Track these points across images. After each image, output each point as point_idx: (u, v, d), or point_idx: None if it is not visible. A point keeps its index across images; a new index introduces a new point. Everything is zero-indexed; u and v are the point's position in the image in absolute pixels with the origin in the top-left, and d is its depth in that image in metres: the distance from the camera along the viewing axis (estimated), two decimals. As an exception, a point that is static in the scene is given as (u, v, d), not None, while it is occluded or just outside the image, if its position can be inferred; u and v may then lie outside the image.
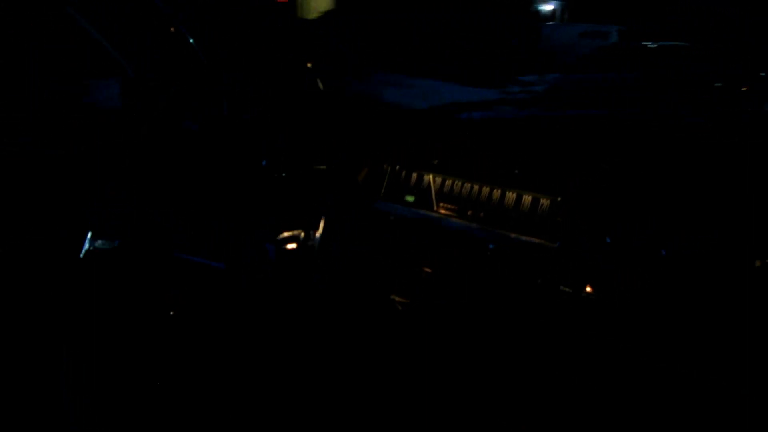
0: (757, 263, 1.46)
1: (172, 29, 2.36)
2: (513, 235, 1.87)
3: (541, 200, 1.86)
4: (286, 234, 2.09)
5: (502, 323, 1.85)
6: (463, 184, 2.03)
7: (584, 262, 1.70)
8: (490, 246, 1.90)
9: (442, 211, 2.05)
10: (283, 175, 2.22)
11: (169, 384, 2.07)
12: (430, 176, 2.10)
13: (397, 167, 2.19)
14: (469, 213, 1.99)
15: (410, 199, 2.14)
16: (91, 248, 1.88)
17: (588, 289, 1.69)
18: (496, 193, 1.95)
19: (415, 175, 2.15)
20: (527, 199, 1.89)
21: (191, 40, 2.36)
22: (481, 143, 2.08)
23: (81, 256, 1.89)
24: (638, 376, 1.61)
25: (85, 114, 2.35)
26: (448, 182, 2.06)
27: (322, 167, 2.29)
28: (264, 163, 2.28)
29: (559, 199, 1.82)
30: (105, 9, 2.20)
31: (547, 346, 1.76)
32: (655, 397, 1.60)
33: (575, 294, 1.71)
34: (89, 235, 1.91)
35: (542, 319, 1.77)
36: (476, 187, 2.00)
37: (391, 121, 2.26)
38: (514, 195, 1.91)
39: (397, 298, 2.00)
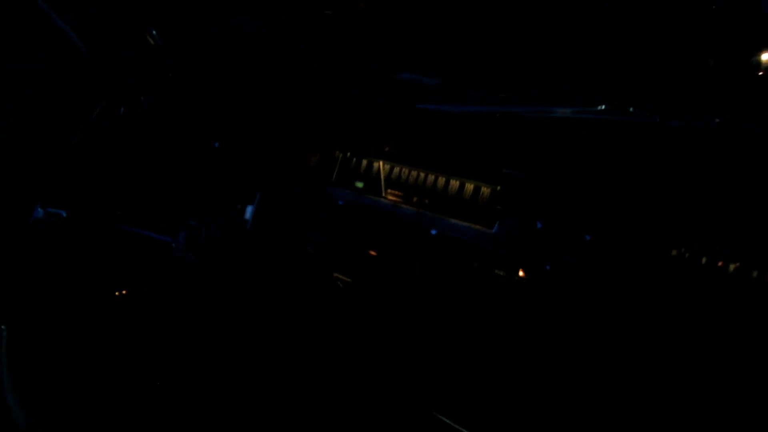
0: (673, 252, 1.57)
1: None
2: (454, 221, 1.95)
3: (482, 189, 1.94)
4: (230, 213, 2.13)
5: (440, 304, 1.93)
6: (410, 172, 2.11)
7: (517, 247, 1.79)
8: (433, 231, 1.98)
9: (390, 197, 2.12)
10: (236, 155, 2.26)
11: (112, 362, 2.09)
12: (380, 163, 2.17)
13: (348, 154, 2.26)
14: (415, 199, 2.07)
15: (360, 185, 2.20)
16: (40, 216, 1.89)
17: (521, 273, 1.78)
18: (441, 180, 2.03)
19: (365, 161, 2.21)
20: (469, 187, 1.98)
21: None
22: (429, 133, 2.15)
23: (30, 222, 1.89)
24: (569, 355, 1.71)
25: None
26: (396, 169, 2.13)
27: (273, 151, 2.34)
28: (216, 144, 2.32)
29: (498, 188, 1.90)
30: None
31: (482, 327, 1.84)
32: (579, 378, 1.69)
33: (508, 277, 1.79)
34: (38, 203, 1.91)
35: (478, 301, 1.85)
36: (422, 174, 2.08)
37: (343, 109, 2.32)
38: (458, 183, 2.00)
39: (341, 277, 2.07)
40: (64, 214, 1.91)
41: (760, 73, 1.58)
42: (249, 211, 2.07)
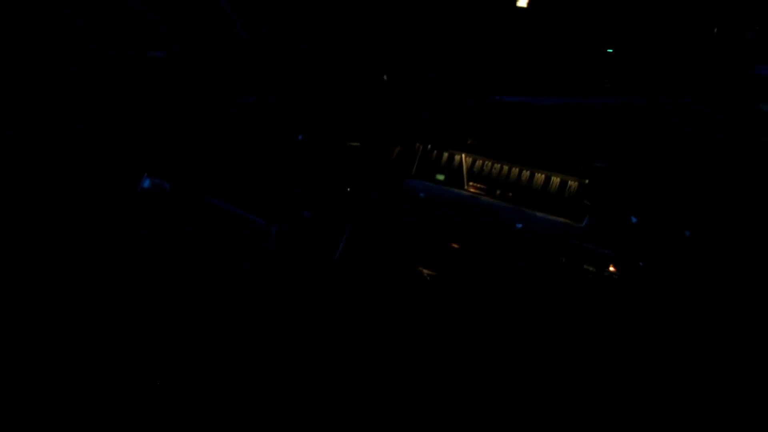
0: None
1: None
2: (540, 215, 1.93)
3: (570, 182, 1.91)
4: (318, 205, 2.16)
5: (527, 300, 1.91)
6: (493, 165, 2.09)
7: (609, 242, 1.76)
8: (518, 225, 1.96)
9: (472, 190, 2.11)
10: (318, 149, 2.30)
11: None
12: (462, 155, 2.16)
13: (429, 146, 2.26)
14: (498, 192, 2.05)
15: (441, 177, 2.20)
16: (146, 186, 1.97)
17: (611, 268, 1.74)
18: (525, 174, 2.01)
19: (446, 154, 2.21)
20: (555, 180, 1.95)
21: (233, 17, 2.44)
22: (513, 126, 2.13)
23: (137, 191, 1.97)
24: (660, 352, 1.67)
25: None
26: (479, 162, 2.12)
27: (355, 144, 2.36)
28: (300, 137, 2.35)
29: (586, 181, 1.87)
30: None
31: (570, 322, 1.81)
32: (671, 376, 1.65)
33: (599, 273, 1.76)
34: (145, 174, 2.00)
35: (566, 297, 1.83)
36: (506, 167, 2.06)
37: (423, 102, 2.31)
38: (543, 176, 1.97)
39: (425, 271, 2.07)
40: (168, 188, 1.99)
41: None
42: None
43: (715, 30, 1.87)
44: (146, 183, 1.92)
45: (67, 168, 2.11)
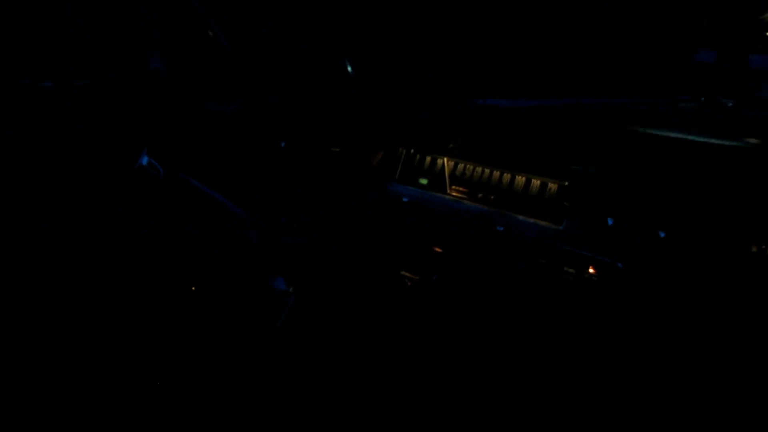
0: (753, 248, 1.51)
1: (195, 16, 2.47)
2: (521, 218, 1.94)
3: (549, 185, 1.92)
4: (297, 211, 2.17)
5: (508, 302, 1.92)
6: (474, 168, 2.10)
7: (587, 244, 1.76)
8: (499, 228, 1.96)
9: (455, 194, 2.12)
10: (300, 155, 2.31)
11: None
12: (444, 159, 2.17)
13: (412, 150, 2.27)
14: (480, 196, 2.06)
15: (424, 181, 2.21)
16: (144, 164, 1.97)
17: (591, 270, 1.75)
18: (507, 177, 2.02)
19: (428, 158, 2.22)
20: (536, 183, 1.95)
21: (215, 27, 2.46)
22: (494, 129, 2.14)
23: (135, 167, 1.98)
24: (640, 354, 1.67)
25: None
26: (461, 166, 2.13)
27: (337, 150, 2.37)
28: (282, 144, 2.36)
29: (566, 183, 1.88)
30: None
31: (550, 324, 1.82)
32: (660, 377, 1.66)
33: (578, 275, 1.77)
34: (145, 150, 2.00)
35: (547, 300, 1.83)
36: (487, 171, 2.06)
37: (406, 107, 2.32)
38: (524, 179, 1.98)
39: (407, 274, 2.08)
40: (162, 172, 2.00)
41: None
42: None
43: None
44: (144, 160, 1.94)
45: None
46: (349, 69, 2.31)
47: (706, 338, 1.57)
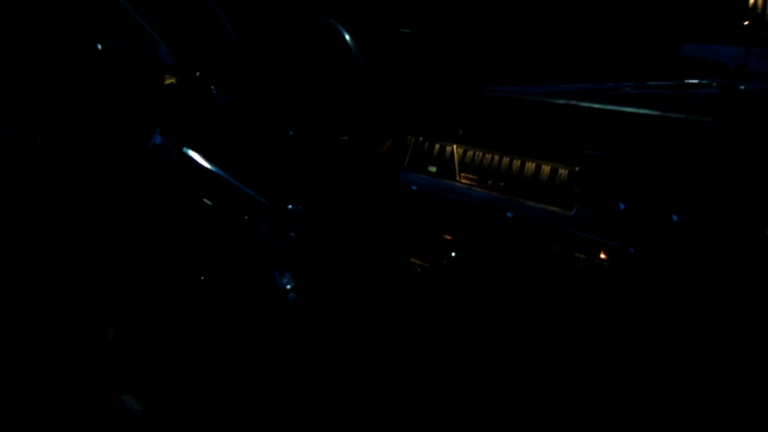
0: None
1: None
2: (531, 204, 1.92)
3: (560, 170, 1.90)
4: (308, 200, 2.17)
5: (520, 289, 1.91)
6: (484, 155, 2.08)
7: (598, 229, 1.75)
8: (509, 214, 1.95)
9: (464, 181, 2.11)
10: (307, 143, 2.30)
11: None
12: (453, 146, 2.16)
13: (421, 138, 2.25)
14: (490, 183, 2.05)
15: (433, 169, 2.20)
16: (158, 143, 1.98)
17: (602, 255, 1.74)
18: (516, 163, 2.00)
19: (437, 146, 2.20)
20: (546, 168, 1.94)
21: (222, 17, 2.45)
22: (503, 115, 2.12)
23: (149, 145, 1.98)
24: (653, 340, 1.66)
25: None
26: (470, 153, 2.12)
27: (345, 138, 2.36)
28: (291, 132, 2.36)
29: (576, 169, 1.86)
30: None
31: (562, 310, 1.81)
32: (668, 366, 1.65)
33: (590, 261, 1.75)
34: (158, 130, 2.00)
35: (558, 286, 1.82)
36: (497, 157, 2.05)
37: (415, 93, 2.31)
38: (534, 165, 1.96)
39: (417, 262, 2.07)
40: (174, 153, 2.00)
41: None
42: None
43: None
44: (158, 139, 1.95)
45: (67, 168, 2.12)
46: (360, 56, 2.29)
47: (718, 326, 1.56)
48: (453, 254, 2.01)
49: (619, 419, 1.75)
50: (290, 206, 2.15)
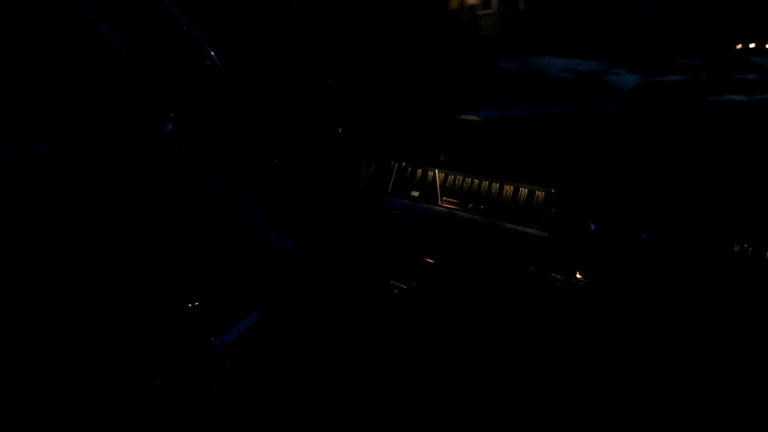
0: (735, 248, 1.52)
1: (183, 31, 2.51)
2: (509, 226, 1.95)
3: (537, 192, 1.94)
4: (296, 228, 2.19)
5: (499, 310, 1.93)
6: (464, 179, 2.12)
7: (572, 250, 1.78)
8: (489, 237, 1.98)
9: (446, 205, 2.14)
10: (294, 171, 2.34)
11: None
12: (435, 171, 2.20)
13: (404, 164, 2.30)
14: (470, 206, 2.08)
15: (415, 194, 2.24)
16: (169, 131, 2.00)
17: (578, 275, 1.76)
18: (495, 186, 2.04)
19: (420, 171, 2.25)
20: (524, 191, 1.97)
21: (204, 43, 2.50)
22: (482, 140, 2.16)
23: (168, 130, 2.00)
24: (627, 354, 1.68)
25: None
26: (451, 177, 2.16)
27: (330, 165, 2.40)
28: (276, 162, 2.40)
29: (553, 191, 1.89)
30: (117, 10, 2.35)
31: (540, 329, 1.83)
32: (645, 378, 1.66)
33: (566, 281, 1.78)
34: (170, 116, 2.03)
35: (536, 305, 1.85)
36: (476, 181, 2.09)
37: (397, 121, 2.36)
38: (512, 188, 2.00)
39: (398, 284, 2.10)
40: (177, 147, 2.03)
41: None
42: None
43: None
44: (169, 127, 1.98)
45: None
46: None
47: (692, 340, 1.58)
48: (432, 276, 2.04)
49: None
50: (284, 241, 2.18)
